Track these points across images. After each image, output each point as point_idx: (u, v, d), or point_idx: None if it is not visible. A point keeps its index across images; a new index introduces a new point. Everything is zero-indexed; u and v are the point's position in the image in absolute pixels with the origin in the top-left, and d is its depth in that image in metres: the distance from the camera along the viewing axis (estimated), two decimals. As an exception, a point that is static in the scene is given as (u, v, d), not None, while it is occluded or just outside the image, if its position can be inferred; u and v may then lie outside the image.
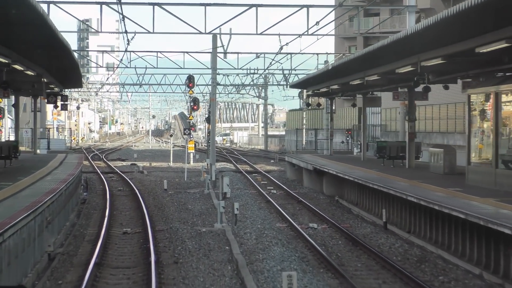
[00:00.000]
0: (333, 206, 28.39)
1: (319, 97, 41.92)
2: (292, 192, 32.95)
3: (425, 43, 21.28)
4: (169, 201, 29.44)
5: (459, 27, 18.36)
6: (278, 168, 52.72)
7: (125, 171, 47.50)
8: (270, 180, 40.94)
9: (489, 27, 17.46)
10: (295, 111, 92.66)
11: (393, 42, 21.92)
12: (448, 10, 16.83)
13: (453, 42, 19.99)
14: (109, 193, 32.14)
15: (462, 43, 19.51)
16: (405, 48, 22.60)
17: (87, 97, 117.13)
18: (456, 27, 18.29)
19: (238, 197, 30.96)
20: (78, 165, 31.53)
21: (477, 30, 18.17)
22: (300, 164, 37.61)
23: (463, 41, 19.36)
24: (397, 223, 22.78)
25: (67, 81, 34.87)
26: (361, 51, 25.33)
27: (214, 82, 43.83)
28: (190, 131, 43.40)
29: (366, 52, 24.86)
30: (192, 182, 39.54)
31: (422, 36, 20.51)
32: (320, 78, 34.83)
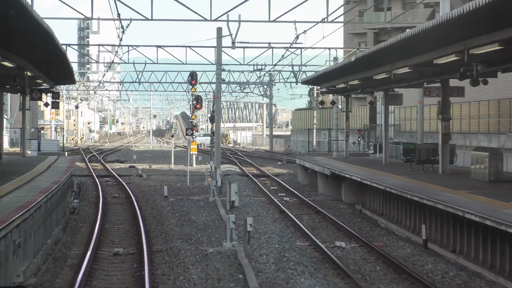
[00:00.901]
0: (357, 218, 24.83)
1: (334, 95, 38.34)
2: (307, 200, 29.43)
3: (476, 26, 17.73)
4: (170, 211, 25.90)
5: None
6: (287, 171, 49.20)
7: (122, 174, 44.01)
8: (280, 185, 37.43)
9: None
10: (301, 110, 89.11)
11: (435, 27, 18.36)
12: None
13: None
14: (103, 201, 28.63)
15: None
16: (449, 34, 19.04)
17: (86, 96, 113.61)
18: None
19: (247, 206, 27.43)
20: (68, 169, 27.99)
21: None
22: (314, 168, 34.07)
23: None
24: (437, 240, 19.26)
25: (56, 76, 31.33)
26: (393, 39, 21.78)
27: (218, 79, 40.38)
28: (192, 131, 39.87)
29: (398, 40, 21.30)
30: (195, 187, 36.05)
31: (473, 19, 17.00)
32: (338, 72, 31.27)
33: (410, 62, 23.39)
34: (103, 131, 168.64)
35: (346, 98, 38.84)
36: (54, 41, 20.07)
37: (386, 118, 33.98)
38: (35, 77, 28.61)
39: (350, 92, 36.40)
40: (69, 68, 28.66)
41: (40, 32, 17.72)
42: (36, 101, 38.88)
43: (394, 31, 72.60)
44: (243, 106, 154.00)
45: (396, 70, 24.72)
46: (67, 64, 27.29)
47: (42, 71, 28.59)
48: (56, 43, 20.53)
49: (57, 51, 22.81)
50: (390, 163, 33.41)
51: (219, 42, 39.83)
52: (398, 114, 60.66)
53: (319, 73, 34.93)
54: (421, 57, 22.27)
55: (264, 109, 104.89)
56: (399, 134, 59.29)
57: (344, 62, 28.28)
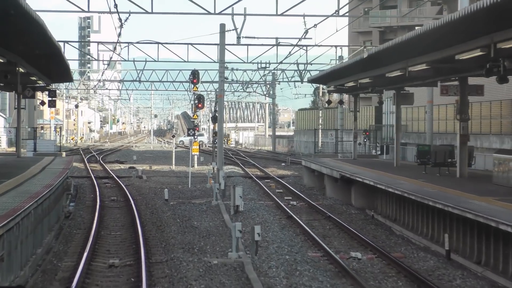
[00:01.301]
0: (370, 224, 23.30)
1: (341, 94, 36.80)
2: (316, 204, 27.92)
3: (504, 18, 16.22)
4: (171, 216, 24.38)
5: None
6: (291, 172, 47.70)
7: (122, 175, 42.53)
8: (286, 187, 35.92)
9: None
10: (305, 110, 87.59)
11: (458, 20, 16.84)
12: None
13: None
14: (100, 205, 27.12)
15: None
16: (473, 27, 17.53)
17: (85, 95, 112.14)
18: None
19: (253, 210, 25.92)
20: (63, 171, 26.49)
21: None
22: (321, 170, 32.56)
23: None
24: (459, 250, 17.76)
25: (52, 73, 29.84)
26: (409, 33, 20.25)
27: (221, 77, 38.94)
28: (194, 132, 38.35)
29: (416, 34, 19.77)
30: (197, 190, 34.55)
31: (501, 11, 15.50)
32: (347, 70, 29.75)
33: (428, 58, 21.86)
34: (103, 131, 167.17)
35: (354, 98, 37.32)
36: (46, 33, 18.57)
37: (398, 118, 32.48)
38: (29, 74, 27.13)
39: (359, 91, 34.88)
40: (65, 64, 27.15)
41: (29, 21, 16.22)
42: (33, 99, 37.36)
43: (400, 29, 71.09)
44: (244, 106, 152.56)
45: (412, 67, 23.20)
46: (62, 60, 25.79)
47: (36, 67, 27.12)
48: (48, 35, 19.03)
49: (50, 45, 21.31)
50: (401, 165, 31.89)
51: (222, 39, 38.36)
52: (405, 114, 59.05)
53: (326, 71, 33.41)
54: (441, 53, 20.74)
55: (266, 109, 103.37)
56: (406, 135, 57.72)
57: (355, 59, 26.77)
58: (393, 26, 71.40)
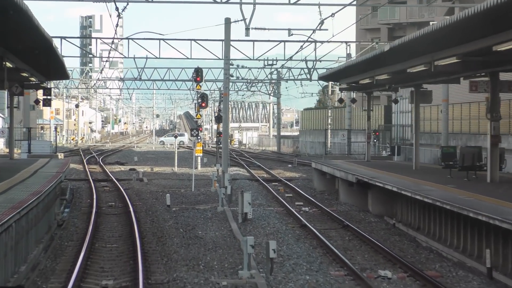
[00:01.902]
0: (394, 235, 21.10)
1: (354, 92, 34.64)
2: (330, 211, 25.75)
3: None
4: (173, 225, 22.20)
5: None
6: (299, 174, 45.53)
7: (122, 178, 40.39)
8: (295, 191, 33.78)
9: None
10: (311, 110, 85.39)
11: (502, 4, 14.67)
12: None
13: None
14: (96, 211, 24.98)
15: None
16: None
17: (86, 95, 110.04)
18: None
19: (262, 218, 23.75)
20: (56, 175, 24.35)
21: None
22: (334, 173, 30.38)
23: None
24: (498, 266, 15.59)
25: (45, 69, 27.68)
26: (439, 23, 18.08)
27: (227, 74, 36.78)
28: (198, 132, 36.19)
29: (447, 24, 17.57)
30: (201, 194, 32.42)
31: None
32: (363, 66, 27.55)
33: (459, 50, 19.67)
34: (105, 131, 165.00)
35: (367, 96, 35.13)
36: (33, 22, 16.42)
37: (417, 117, 30.29)
38: (19, 70, 24.97)
39: (374, 88, 32.70)
40: (59, 60, 24.98)
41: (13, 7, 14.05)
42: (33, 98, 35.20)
43: (409, 26, 68.94)
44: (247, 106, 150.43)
45: (439, 61, 21.01)
46: (55, 55, 23.62)
47: (27, 62, 24.97)
48: (35, 25, 16.87)
49: (39, 37, 19.17)
50: (421, 168, 29.70)
51: (228, 34, 36.24)
52: (417, 113, 56.90)
53: (340, 67, 31.20)
54: (475, 44, 18.54)
55: (270, 108, 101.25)
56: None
57: (374, 53, 24.56)
58: (402, 23, 69.24)
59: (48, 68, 27.78)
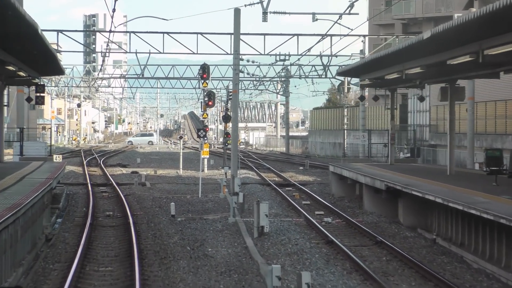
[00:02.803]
0: (439, 254, 17.96)
1: (377, 89, 31.57)
2: (356, 222, 22.69)
3: None
4: (178, 241, 19.12)
5: None
6: (313, 178, 42.48)
7: (122, 182, 37.42)
8: (312, 197, 30.76)
9: None
10: (320, 109, 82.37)
11: None
12: None
13: None
14: (91, 223, 21.95)
15: None
16: None
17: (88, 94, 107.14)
18: None
19: (281, 232, 20.69)
20: (45, 182, 21.34)
21: None
22: (358, 178, 27.31)
23: None
24: None
25: (34, 61, 24.66)
26: (496, 3, 15.03)
27: (236, 69, 33.81)
28: (205, 132, 33.13)
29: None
30: (209, 201, 29.40)
31: None
32: (391, 58, 24.44)
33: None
34: (108, 131, 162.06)
35: (391, 93, 32.03)
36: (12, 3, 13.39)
37: (452, 116, 27.18)
38: (3, 62, 21.93)
39: (402, 84, 29.59)
40: (48, 50, 21.92)
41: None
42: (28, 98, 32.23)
43: (425, 21, 65.77)
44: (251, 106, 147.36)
45: (491, 49, 17.91)
46: (42, 44, 20.58)
47: (12, 54, 21.95)
48: (11, 2, 13.84)
49: (20, 20, 16.13)
50: (458, 173, 26.57)
51: (237, 25, 33.27)
52: (435, 113, 53.90)
53: (363, 61, 28.08)
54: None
55: (278, 108, 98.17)
56: (437, 136, 52.50)
57: (408, 42, 21.45)
58: (418, 18, 66.06)
59: (37, 61, 24.76)
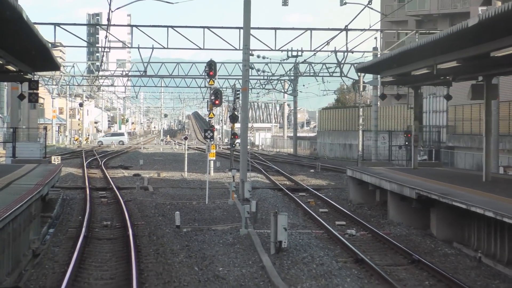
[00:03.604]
0: (490, 278, 15.40)
1: (399, 86, 28.99)
2: (383, 234, 20.15)
3: None
4: (184, 260, 16.55)
5: None
6: (326, 182, 39.99)
7: (124, 186, 34.96)
8: (329, 204, 28.26)
9: None
10: (329, 109, 79.83)
11: None
12: None
13: None
14: (85, 234, 19.43)
15: None
16: None
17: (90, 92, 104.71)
18: None
19: (301, 247, 18.15)
20: (34, 189, 18.85)
21: None
22: (381, 184, 24.75)
23: None
24: None
25: (25, 54, 22.15)
26: None
27: (246, 65, 31.39)
28: (212, 133, 30.59)
29: None
30: (217, 208, 26.90)
31: None
32: (424, 51, 21.86)
33: None
34: (111, 131, 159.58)
35: (414, 91, 29.46)
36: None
37: (488, 115, 24.56)
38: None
39: (429, 81, 27.02)
40: (37, 40, 19.42)
41: None
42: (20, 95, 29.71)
43: (441, 18, 63.21)
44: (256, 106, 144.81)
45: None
46: (31, 34, 18.07)
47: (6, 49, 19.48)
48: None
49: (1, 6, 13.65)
50: (493, 179, 23.99)
51: (247, 17, 30.81)
52: (453, 113, 51.32)
53: (389, 55, 25.45)
54: None
55: (285, 108, 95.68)
56: (455, 137, 49.91)
57: (445, 32, 18.89)
58: (433, 14, 63.50)
59: (29, 54, 22.25)
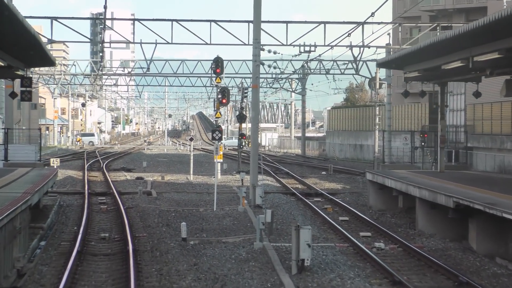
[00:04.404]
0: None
1: (424, 83, 26.60)
2: (416, 248, 17.76)
3: None
4: (193, 282, 14.19)
5: None
6: (341, 185, 37.65)
7: (125, 191, 32.66)
8: (349, 211, 25.92)
9: None
10: (339, 108, 77.41)
11: None
12: None
13: None
14: (79, 250, 17.07)
15: None
16: None
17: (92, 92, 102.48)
18: None
19: (326, 265, 15.77)
20: (19, 199, 16.51)
21: None
22: (408, 190, 22.35)
23: None
24: None
25: (13, 47, 19.83)
26: None
27: (257, 61, 29.12)
28: (221, 134, 28.19)
29: None
30: (227, 216, 24.55)
31: None
32: (460, 41, 19.47)
33: None
34: (115, 131, 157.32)
35: (440, 87, 27.04)
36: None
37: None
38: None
39: (461, 76, 24.58)
40: (27, 33, 17.07)
41: None
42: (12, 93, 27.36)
43: (456, 13, 60.76)
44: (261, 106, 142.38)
45: None
46: (16, 22, 15.73)
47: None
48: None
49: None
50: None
51: (258, 10, 28.55)
52: (472, 112, 48.87)
53: (414, 48, 23.01)
54: None
55: (292, 107, 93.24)
56: (474, 138, 47.43)
57: (485, 20, 16.51)
58: (448, 9, 61.06)
59: (19, 48, 19.92)
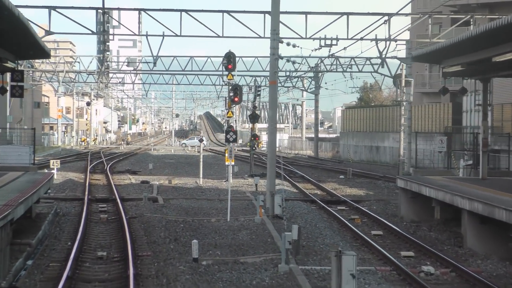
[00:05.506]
0: None
1: (465, 79, 23.56)
2: (472, 272, 14.82)
3: None
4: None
5: None
6: (363, 191, 34.74)
7: (129, 197, 29.79)
8: (380, 223, 23.02)
9: None
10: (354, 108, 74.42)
11: None
12: None
13: None
14: (69, 275, 14.16)
15: None
16: None
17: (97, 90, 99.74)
18: None
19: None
20: None
21: None
22: (454, 201, 19.35)
23: None
24: None
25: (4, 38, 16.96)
26: None
27: (275, 54, 26.31)
28: (236, 135, 25.19)
29: None
30: (242, 228, 21.61)
31: None
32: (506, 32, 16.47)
33: None
34: (121, 131, 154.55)
35: (483, 84, 24.00)
36: None
37: None
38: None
39: (510, 70, 21.59)
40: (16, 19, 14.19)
41: None
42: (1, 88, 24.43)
43: (479, 8, 57.62)
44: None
45: None
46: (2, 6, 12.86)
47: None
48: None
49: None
50: None
51: None
52: (499, 112, 45.91)
53: (461, 37, 20.03)
54: None
55: (303, 108, 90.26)
56: (501, 140, 44.41)
57: None
58: (471, 4, 57.94)
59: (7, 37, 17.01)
